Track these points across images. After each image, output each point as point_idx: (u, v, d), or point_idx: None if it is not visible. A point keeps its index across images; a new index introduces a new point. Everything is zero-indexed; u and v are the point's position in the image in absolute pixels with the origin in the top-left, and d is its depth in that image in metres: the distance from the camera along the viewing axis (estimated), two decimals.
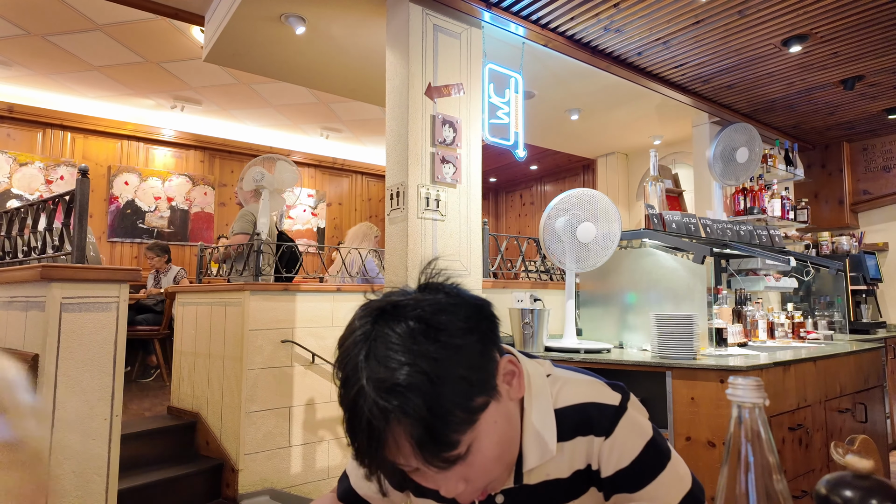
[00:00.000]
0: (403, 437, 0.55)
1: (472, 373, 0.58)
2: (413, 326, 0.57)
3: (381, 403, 0.54)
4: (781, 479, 0.54)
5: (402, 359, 0.55)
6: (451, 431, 0.56)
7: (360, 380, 0.56)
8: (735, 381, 0.54)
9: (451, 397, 0.56)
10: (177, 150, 6.19)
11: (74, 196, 1.74)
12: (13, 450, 0.58)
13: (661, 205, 3.07)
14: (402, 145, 2.52)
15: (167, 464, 3.03)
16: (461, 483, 0.60)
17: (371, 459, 0.57)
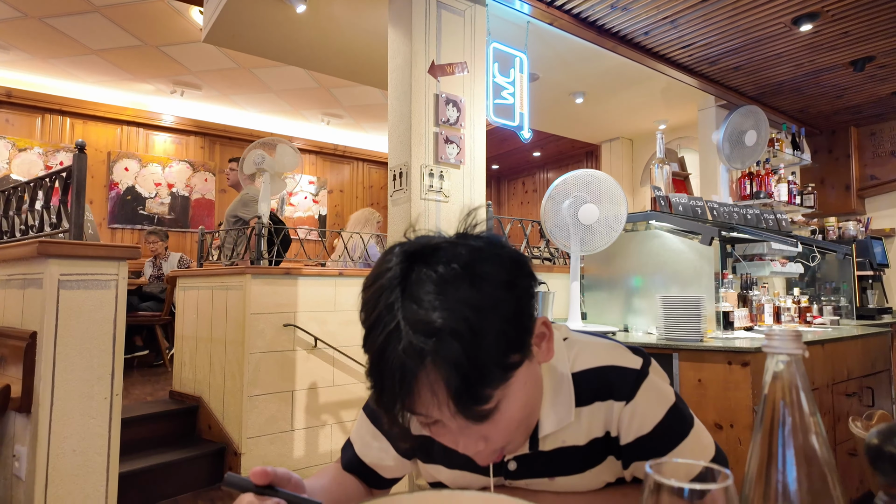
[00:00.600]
0: (437, 384, 0.52)
1: (510, 328, 0.55)
2: (454, 271, 0.54)
3: (418, 345, 0.51)
4: (824, 439, 0.51)
5: (442, 303, 0.52)
6: (486, 385, 0.53)
7: (396, 319, 0.52)
8: (772, 331, 0.51)
9: (490, 350, 0.53)
10: (177, 136, 6.14)
11: (71, 172, 1.70)
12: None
13: (667, 188, 3.03)
14: (404, 125, 2.48)
15: (169, 447, 3.02)
16: (481, 442, 0.57)
17: (396, 405, 0.53)
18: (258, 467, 0.54)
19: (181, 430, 3.24)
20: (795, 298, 3.14)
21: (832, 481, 0.50)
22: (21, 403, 1.54)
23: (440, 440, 0.60)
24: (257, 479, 0.53)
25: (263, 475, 0.53)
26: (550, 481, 0.69)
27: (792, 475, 0.50)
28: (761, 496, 0.52)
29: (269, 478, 0.53)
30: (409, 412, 0.54)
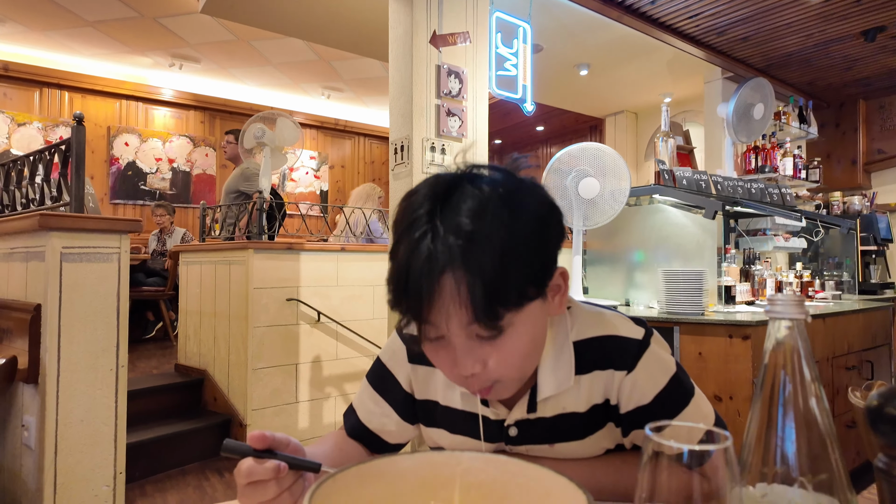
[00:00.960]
0: (461, 285, 0.53)
1: (536, 260, 0.57)
2: (497, 193, 0.56)
3: (453, 243, 0.53)
4: (824, 405, 0.51)
5: (481, 215, 0.54)
6: (502, 301, 0.55)
7: (433, 221, 0.54)
8: (774, 296, 0.51)
9: (515, 270, 0.55)
10: (176, 110, 6.07)
11: (70, 145, 1.69)
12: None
13: (671, 161, 3.00)
14: (405, 97, 2.44)
15: (176, 419, 3.07)
16: (479, 364, 0.58)
17: (416, 304, 0.54)
18: (257, 431, 0.54)
19: (187, 403, 3.29)
20: (798, 273, 3.14)
21: (831, 445, 0.50)
22: (28, 374, 1.56)
23: (438, 363, 0.61)
24: (256, 444, 0.53)
25: (262, 439, 0.54)
26: (550, 448, 0.70)
27: (791, 439, 0.51)
28: (760, 460, 0.52)
29: (267, 442, 0.54)
30: (426, 315, 0.55)
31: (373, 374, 0.77)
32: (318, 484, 0.36)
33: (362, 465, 0.40)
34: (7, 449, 1.73)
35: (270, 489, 0.53)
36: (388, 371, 0.75)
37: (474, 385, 0.60)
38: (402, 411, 0.74)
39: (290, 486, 0.54)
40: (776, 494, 0.51)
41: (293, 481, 0.55)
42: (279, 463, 0.53)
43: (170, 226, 5.01)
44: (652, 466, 0.45)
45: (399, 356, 0.75)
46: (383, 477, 0.42)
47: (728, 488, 0.43)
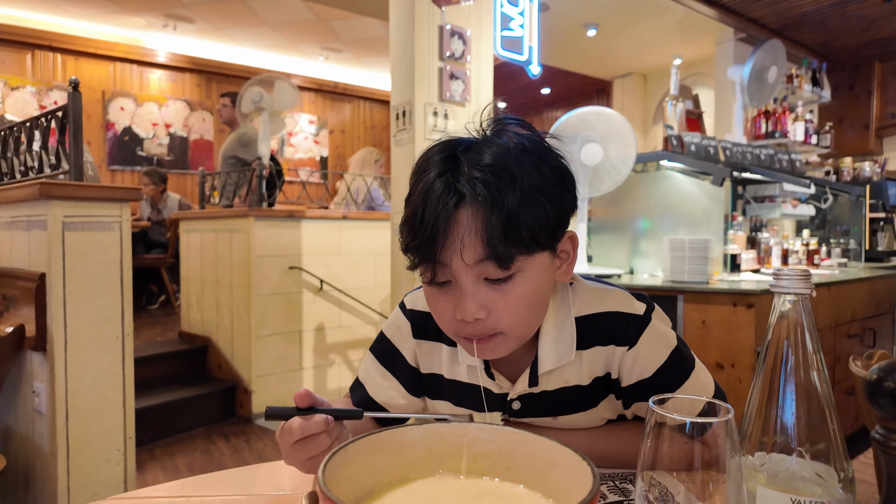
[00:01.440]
0: (476, 219, 0.55)
1: (550, 209, 0.58)
2: (519, 146, 0.58)
3: (472, 175, 0.54)
4: (825, 377, 0.51)
5: (501, 155, 0.56)
6: (515, 242, 0.55)
7: (454, 161, 0.56)
8: (780, 271, 0.50)
9: (530, 213, 0.56)
10: (172, 73, 5.96)
11: (67, 111, 1.66)
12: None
13: (680, 126, 2.94)
14: (407, 60, 2.38)
15: (182, 385, 3.12)
16: (483, 310, 0.58)
17: (430, 238, 0.55)
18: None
19: (192, 369, 3.35)
20: (804, 241, 3.12)
21: (830, 416, 0.50)
22: (36, 342, 1.57)
23: (439, 311, 0.61)
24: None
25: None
26: (554, 420, 0.71)
27: (791, 410, 0.51)
28: (760, 430, 0.53)
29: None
30: (438, 253, 0.56)
31: (378, 349, 0.77)
32: (331, 454, 0.36)
33: (373, 435, 0.41)
34: (19, 414, 1.77)
35: (323, 441, 0.56)
36: (392, 346, 0.75)
37: (475, 332, 0.59)
38: (409, 385, 0.75)
39: (337, 435, 0.57)
40: (774, 462, 0.51)
41: (339, 431, 0.58)
42: (327, 416, 0.55)
43: (160, 195, 4.82)
44: (654, 436, 0.45)
45: (404, 332, 0.75)
46: (392, 446, 0.42)
47: (728, 457, 0.43)
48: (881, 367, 0.48)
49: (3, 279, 1.75)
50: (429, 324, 0.73)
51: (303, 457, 0.56)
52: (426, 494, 0.41)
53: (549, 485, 0.40)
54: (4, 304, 1.76)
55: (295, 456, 0.57)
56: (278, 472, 0.70)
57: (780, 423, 0.51)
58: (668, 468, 0.45)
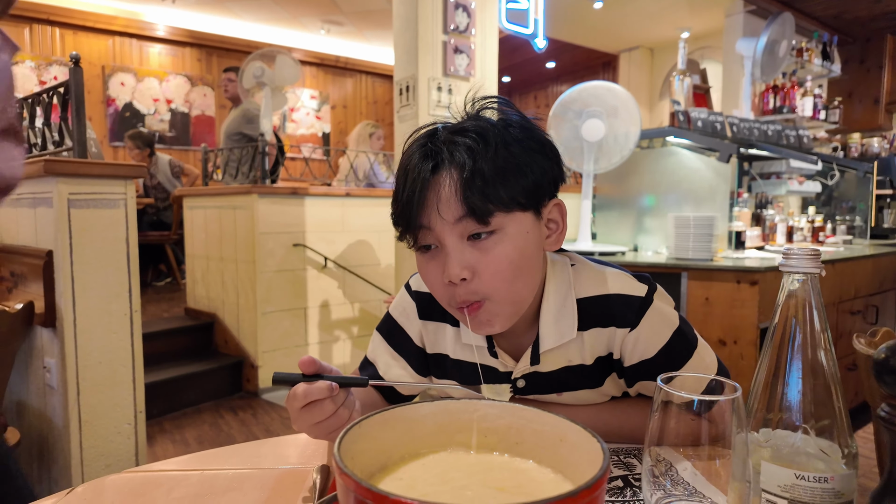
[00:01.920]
0: (453, 178, 0.58)
1: (529, 173, 0.60)
2: (503, 122, 0.62)
3: (450, 138, 0.59)
4: (832, 355, 0.51)
5: (479, 125, 0.60)
6: (491, 197, 0.58)
7: (435, 133, 0.61)
8: (790, 250, 0.50)
9: (506, 173, 0.59)
10: (172, 47, 5.88)
11: (69, 87, 1.64)
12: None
13: (687, 101, 2.90)
14: (411, 33, 2.34)
15: (189, 360, 3.17)
16: (467, 270, 0.59)
17: (410, 201, 0.59)
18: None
19: (199, 345, 3.39)
20: (810, 218, 3.10)
21: (836, 394, 0.51)
22: (45, 319, 1.59)
23: (430, 279, 0.63)
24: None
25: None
26: (558, 396, 0.72)
27: (797, 388, 0.52)
28: (765, 407, 0.53)
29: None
30: (418, 215, 0.59)
31: (385, 330, 0.78)
32: (346, 430, 0.37)
33: (385, 412, 0.42)
34: (31, 389, 1.80)
35: (327, 406, 0.57)
36: (399, 327, 0.77)
37: (462, 297, 0.61)
38: (416, 364, 0.76)
39: (343, 402, 0.59)
40: (779, 439, 0.52)
41: (345, 398, 0.59)
42: (330, 383, 0.57)
43: (148, 159, 4.57)
44: (662, 413, 0.46)
45: (410, 312, 0.76)
46: (404, 422, 0.43)
47: (734, 433, 0.44)
48: (889, 346, 0.49)
49: (11, 256, 1.77)
50: (434, 304, 0.74)
51: (310, 422, 0.58)
52: (437, 469, 0.42)
53: (558, 460, 0.41)
54: (13, 281, 1.78)
55: (302, 421, 0.58)
56: (288, 446, 0.72)
57: (785, 400, 0.52)
58: (674, 444, 0.46)
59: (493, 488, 0.39)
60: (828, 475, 0.47)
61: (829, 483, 0.47)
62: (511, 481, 0.41)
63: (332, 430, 0.59)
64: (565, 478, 0.40)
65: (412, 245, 0.63)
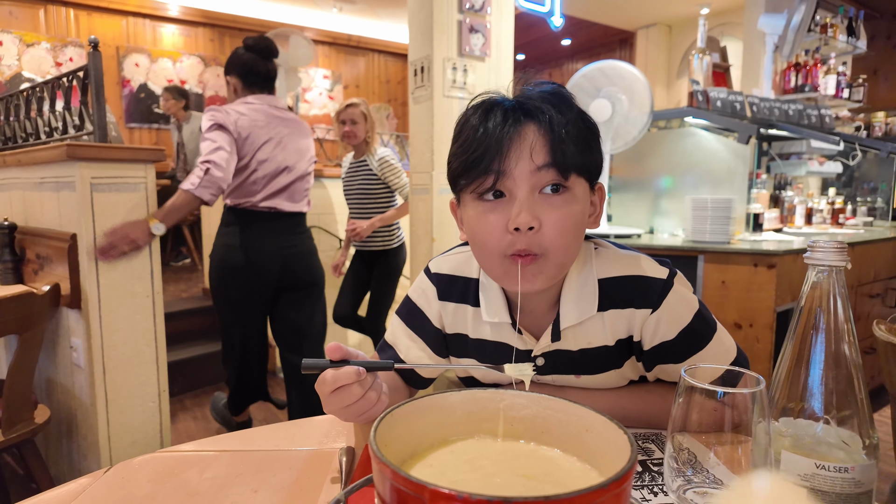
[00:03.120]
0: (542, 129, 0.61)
1: (595, 145, 0.65)
2: (565, 92, 0.65)
3: (536, 95, 0.63)
4: (855, 347, 0.52)
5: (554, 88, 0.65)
6: (571, 157, 0.61)
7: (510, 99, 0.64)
8: (816, 242, 0.50)
9: (584, 136, 0.63)
10: (185, 27, 5.86)
11: (88, 71, 1.66)
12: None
13: (706, 81, 2.84)
14: (425, 12, 2.31)
15: (207, 339, 3.23)
16: (536, 220, 0.61)
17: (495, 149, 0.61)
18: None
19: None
20: (830, 199, 3.05)
21: (858, 385, 0.51)
22: (71, 300, 1.63)
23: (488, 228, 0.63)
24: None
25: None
26: (576, 378, 0.73)
27: (819, 379, 0.52)
28: (787, 397, 0.54)
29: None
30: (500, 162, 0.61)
31: (405, 313, 0.79)
32: (380, 418, 0.39)
33: (416, 400, 0.43)
34: (59, 367, 1.86)
35: (355, 390, 0.59)
36: (418, 309, 0.78)
37: (523, 246, 0.61)
38: (435, 346, 0.78)
39: (370, 385, 0.61)
40: (799, 428, 0.53)
41: (372, 382, 0.61)
42: (358, 368, 0.59)
43: (184, 112, 4.31)
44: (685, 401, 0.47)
45: (429, 295, 0.77)
46: (434, 410, 0.44)
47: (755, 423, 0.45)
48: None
49: (37, 238, 1.80)
50: (453, 286, 0.75)
51: (339, 405, 0.60)
52: (466, 456, 0.43)
53: (584, 449, 0.42)
54: (39, 263, 1.82)
55: (332, 405, 0.60)
56: (313, 428, 0.74)
57: (808, 390, 0.52)
58: (696, 432, 0.47)
59: (521, 476, 0.41)
60: (848, 465, 0.47)
61: (850, 473, 0.47)
62: (538, 469, 0.42)
63: (361, 413, 0.62)
64: (592, 467, 0.42)
65: (483, 191, 0.63)
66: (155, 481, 0.61)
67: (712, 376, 0.49)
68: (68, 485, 0.60)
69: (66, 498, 0.57)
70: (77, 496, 0.58)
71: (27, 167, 1.85)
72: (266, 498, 0.57)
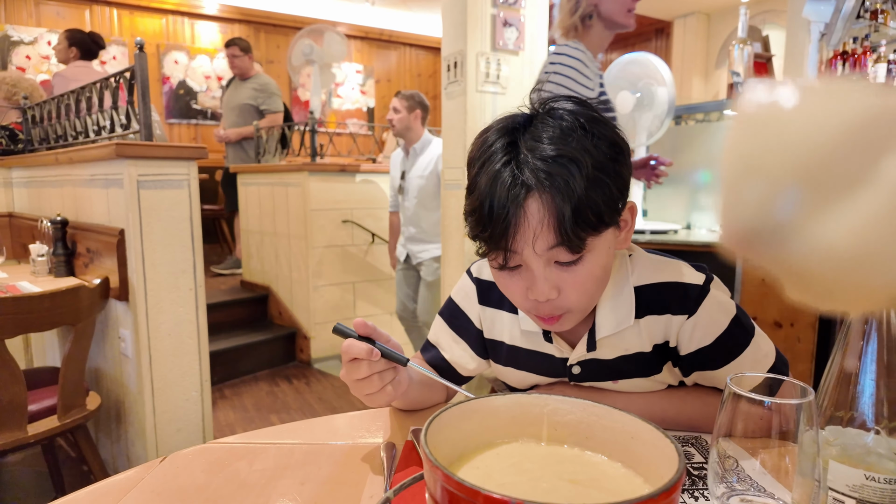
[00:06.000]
0: (548, 209, 0.56)
1: (613, 185, 0.59)
2: (574, 124, 0.58)
3: (538, 166, 0.56)
4: None
5: (563, 142, 0.57)
6: (585, 225, 0.57)
7: (515, 150, 0.57)
8: None
9: (596, 194, 0.57)
10: (222, 24, 6.00)
11: (134, 72, 1.72)
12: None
13: (747, 72, 2.75)
14: (459, 7, 2.30)
15: (246, 330, 3.33)
16: (554, 290, 0.60)
17: (501, 230, 0.57)
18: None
19: (254, 316, 3.55)
20: None
21: None
22: (119, 293, 1.71)
23: (510, 292, 0.64)
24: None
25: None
26: (614, 384, 0.73)
27: (871, 389, 0.51)
28: (835, 405, 0.53)
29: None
30: (509, 242, 0.58)
31: (448, 313, 0.80)
32: (430, 421, 0.40)
33: (463, 404, 0.44)
34: (109, 357, 1.95)
35: (362, 368, 0.61)
36: (461, 310, 0.79)
37: (545, 311, 0.63)
38: (476, 347, 0.79)
39: (380, 371, 0.62)
40: (849, 438, 0.52)
41: (384, 368, 0.63)
42: (372, 347, 0.61)
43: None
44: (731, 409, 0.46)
45: (471, 296, 0.78)
46: (480, 414, 0.46)
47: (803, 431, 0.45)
48: None
49: (87, 233, 1.89)
50: (492, 291, 0.75)
51: (350, 377, 0.63)
52: (511, 459, 0.44)
53: (629, 456, 0.43)
54: (89, 257, 1.91)
55: (346, 374, 0.63)
56: (355, 422, 0.76)
57: (858, 400, 0.51)
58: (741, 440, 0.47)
59: (566, 480, 0.41)
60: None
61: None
62: (584, 474, 0.42)
63: (364, 393, 0.64)
64: (636, 473, 0.42)
65: (498, 266, 0.62)
66: (207, 472, 0.64)
67: (756, 383, 0.49)
68: (126, 473, 0.63)
69: (125, 486, 0.60)
70: (136, 484, 0.61)
71: (78, 164, 1.94)
72: (312, 490, 0.59)
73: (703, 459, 0.63)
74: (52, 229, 1.94)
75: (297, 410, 2.68)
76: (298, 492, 0.59)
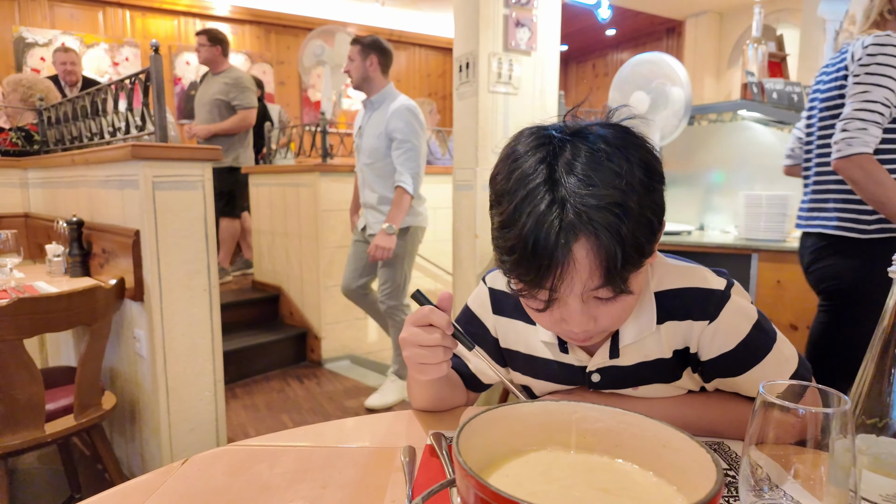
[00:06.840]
0: (597, 254, 0.53)
1: (653, 215, 0.57)
2: (611, 152, 0.55)
3: (582, 210, 0.52)
4: None
5: (604, 179, 0.53)
6: (632, 264, 0.55)
7: (555, 190, 0.53)
8: None
9: (640, 233, 0.54)
10: (233, 25, 6.03)
11: (150, 74, 1.73)
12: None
13: (761, 72, 2.73)
14: (472, 7, 2.30)
15: (257, 330, 3.34)
16: (592, 321, 0.59)
17: (545, 272, 0.54)
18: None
19: (266, 316, 3.56)
20: None
21: None
22: (134, 293, 1.72)
23: (542, 320, 0.64)
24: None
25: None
26: (634, 390, 0.72)
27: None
28: (867, 414, 0.52)
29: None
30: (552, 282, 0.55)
31: (464, 321, 0.80)
32: (461, 428, 0.40)
33: (491, 411, 0.44)
34: (123, 357, 1.96)
35: (436, 335, 0.63)
36: (477, 319, 0.79)
37: (579, 338, 0.63)
38: (494, 355, 0.78)
39: (446, 346, 0.64)
40: (882, 447, 0.51)
41: (451, 345, 0.65)
42: (451, 320, 0.64)
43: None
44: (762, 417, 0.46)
45: (486, 305, 0.78)
46: (509, 421, 0.45)
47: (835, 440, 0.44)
48: None
49: (103, 234, 1.91)
50: (506, 301, 0.75)
51: (416, 342, 0.64)
52: (540, 467, 0.44)
53: (660, 464, 0.42)
54: (105, 257, 1.92)
55: (411, 337, 0.64)
56: (373, 425, 0.76)
57: (891, 408, 0.50)
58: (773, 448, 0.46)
59: (598, 489, 0.41)
60: None
61: None
62: (615, 483, 0.42)
63: (420, 361, 0.65)
64: (668, 482, 0.41)
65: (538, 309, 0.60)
66: (228, 474, 0.64)
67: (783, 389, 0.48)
68: (147, 476, 0.63)
69: (148, 488, 0.61)
70: (159, 487, 0.61)
71: (93, 166, 1.95)
72: (334, 494, 0.59)
73: (726, 466, 0.62)
74: (68, 230, 1.96)
75: (309, 411, 2.68)
76: (320, 495, 0.58)
